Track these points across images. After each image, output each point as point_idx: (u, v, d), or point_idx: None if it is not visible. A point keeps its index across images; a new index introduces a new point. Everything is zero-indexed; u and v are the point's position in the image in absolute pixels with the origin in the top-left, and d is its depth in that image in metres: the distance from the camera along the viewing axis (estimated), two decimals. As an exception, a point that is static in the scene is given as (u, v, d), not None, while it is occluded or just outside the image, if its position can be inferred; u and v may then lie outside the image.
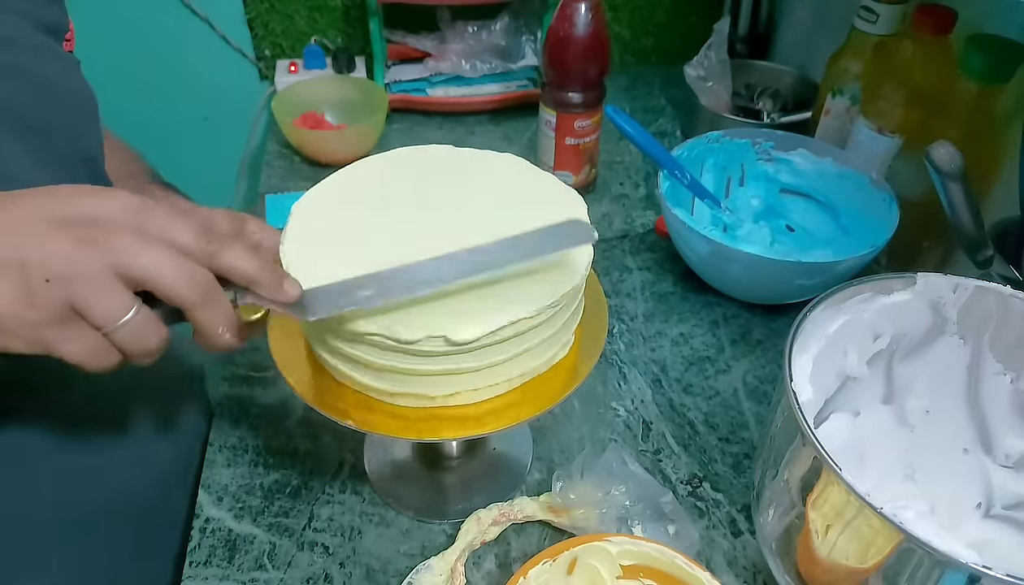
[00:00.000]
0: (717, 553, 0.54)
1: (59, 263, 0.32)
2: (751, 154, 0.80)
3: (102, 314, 0.33)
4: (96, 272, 0.32)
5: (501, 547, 0.54)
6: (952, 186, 0.51)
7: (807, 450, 0.41)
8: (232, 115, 1.14)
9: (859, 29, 0.76)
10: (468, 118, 1.04)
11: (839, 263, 0.64)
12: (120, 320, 0.33)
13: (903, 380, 0.53)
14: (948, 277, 0.49)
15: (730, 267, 0.69)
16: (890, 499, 0.52)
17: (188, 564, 0.53)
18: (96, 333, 0.33)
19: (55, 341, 0.33)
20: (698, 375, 0.68)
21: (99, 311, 0.33)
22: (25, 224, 0.32)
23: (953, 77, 0.64)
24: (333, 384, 0.46)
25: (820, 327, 0.48)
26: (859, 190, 0.73)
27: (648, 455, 0.61)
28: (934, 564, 0.36)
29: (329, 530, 0.55)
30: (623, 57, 1.18)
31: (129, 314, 0.33)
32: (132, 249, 0.33)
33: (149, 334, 0.35)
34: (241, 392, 0.65)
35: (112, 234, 0.33)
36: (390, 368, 0.43)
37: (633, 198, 0.90)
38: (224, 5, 1.06)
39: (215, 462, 0.59)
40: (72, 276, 0.32)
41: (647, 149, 0.72)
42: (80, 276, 0.32)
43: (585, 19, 0.77)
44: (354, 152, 0.91)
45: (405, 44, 1.06)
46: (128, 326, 0.33)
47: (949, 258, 0.69)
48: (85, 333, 0.33)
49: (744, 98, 1.00)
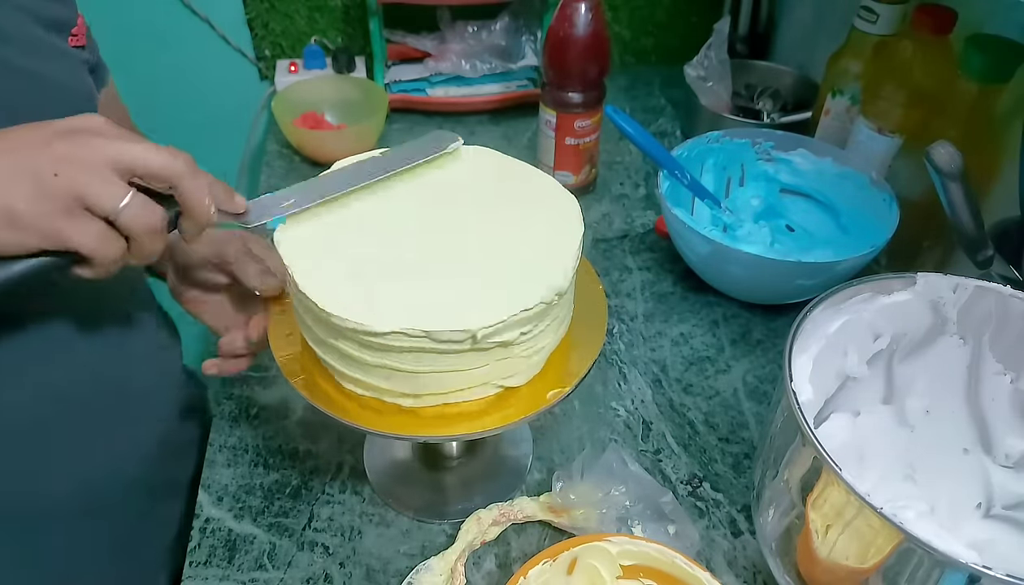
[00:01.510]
0: (717, 553, 0.54)
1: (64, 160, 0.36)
2: (751, 154, 0.80)
3: (107, 199, 0.37)
4: (95, 164, 0.37)
5: (501, 547, 0.54)
6: (952, 186, 0.51)
7: (807, 450, 0.41)
8: (232, 115, 1.14)
9: (859, 29, 0.76)
10: (468, 118, 1.04)
11: (839, 263, 0.64)
12: (122, 202, 0.37)
13: (903, 380, 0.53)
14: (948, 277, 0.49)
15: (730, 267, 0.69)
16: (890, 499, 0.52)
17: (188, 564, 0.53)
18: (102, 222, 0.38)
19: (67, 231, 0.37)
20: (698, 375, 0.68)
21: (104, 196, 0.37)
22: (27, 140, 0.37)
23: (953, 77, 0.64)
24: (333, 384, 0.46)
25: (820, 327, 0.48)
26: (859, 190, 0.73)
27: (648, 455, 0.61)
28: (934, 564, 0.36)
29: (329, 530, 0.55)
30: (623, 57, 1.18)
31: (128, 197, 0.38)
32: (118, 146, 0.38)
33: (150, 213, 0.39)
34: (241, 392, 0.65)
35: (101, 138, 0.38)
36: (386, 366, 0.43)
37: (633, 198, 0.90)
38: (224, 5, 1.06)
39: (215, 462, 0.59)
40: (76, 170, 0.36)
41: (647, 149, 0.72)
42: (82, 169, 0.36)
43: (585, 19, 0.77)
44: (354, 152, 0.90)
45: (405, 44, 1.06)
46: (131, 207, 0.38)
47: (949, 258, 0.69)
48: (93, 223, 0.37)
49: (744, 98, 1.00)
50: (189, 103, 1.14)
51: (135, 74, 1.07)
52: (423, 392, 0.44)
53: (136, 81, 1.07)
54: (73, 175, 0.36)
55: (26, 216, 0.36)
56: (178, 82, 1.12)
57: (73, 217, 0.37)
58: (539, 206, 0.49)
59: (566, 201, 0.50)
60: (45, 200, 0.36)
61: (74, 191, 0.36)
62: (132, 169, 0.38)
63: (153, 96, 1.10)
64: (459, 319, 0.41)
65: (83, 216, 0.37)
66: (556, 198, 0.50)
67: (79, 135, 0.38)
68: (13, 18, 0.46)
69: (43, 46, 0.48)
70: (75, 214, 0.37)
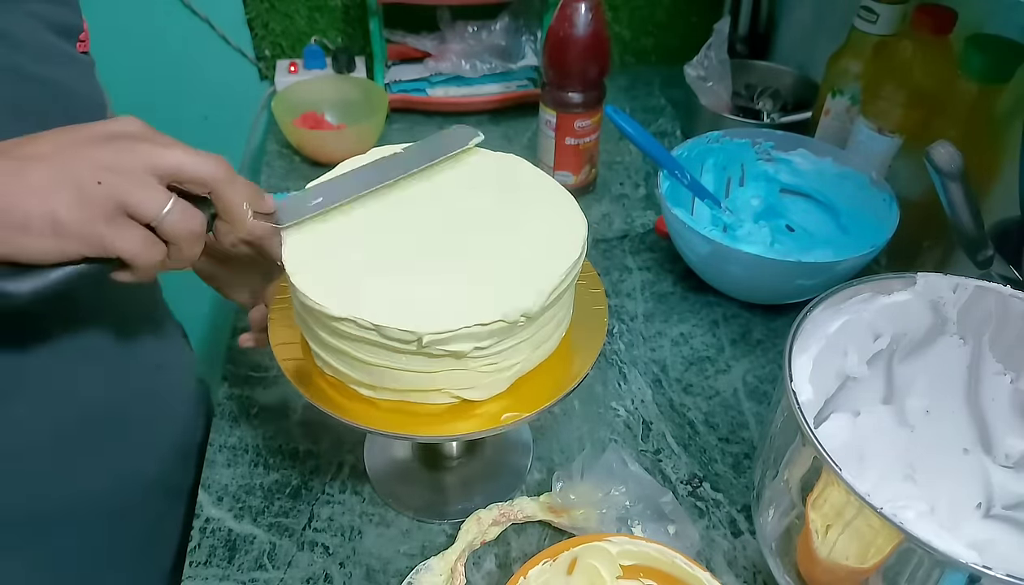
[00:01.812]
0: (717, 553, 0.54)
1: (105, 167, 0.36)
2: (751, 154, 0.80)
3: (149, 205, 0.37)
4: (137, 171, 0.37)
5: (501, 547, 0.54)
6: (952, 186, 0.51)
7: (807, 450, 0.41)
8: (232, 115, 1.14)
9: (859, 29, 0.76)
10: (468, 118, 1.03)
11: (839, 263, 0.64)
12: (165, 208, 0.38)
13: (903, 380, 0.53)
14: (948, 277, 0.49)
15: (730, 267, 0.69)
16: (890, 499, 0.52)
17: (188, 564, 0.53)
18: (144, 228, 0.38)
19: (110, 238, 0.37)
20: (698, 375, 0.68)
21: (147, 203, 0.37)
22: (66, 145, 0.37)
23: (953, 77, 0.64)
24: (334, 384, 0.46)
25: (820, 327, 0.48)
26: (859, 190, 0.73)
27: (648, 455, 0.61)
28: (934, 564, 0.36)
29: (329, 530, 0.55)
30: (623, 57, 1.18)
31: (170, 202, 0.38)
32: (159, 152, 0.38)
33: (191, 218, 0.39)
34: (241, 392, 0.65)
35: (139, 142, 0.38)
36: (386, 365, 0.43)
37: (633, 198, 0.90)
38: (224, 5, 1.06)
39: (215, 462, 0.59)
40: (118, 176, 0.36)
41: (647, 149, 0.72)
42: (124, 175, 0.37)
43: (585, 19, 0.77)
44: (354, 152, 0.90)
45: (405, 44, 1.06)
46: (173, 212, 0.38)
47: (949, 258, 0.69)
48: (135, 229, 0.38)
49: (744, 98, 1.00)
50: (189, 103, 1.14)
51: (135, 74, 1.08)
52: (379, 385, 0.45)
53: (136, 81, 1.07)
54: (116, 182, 0.36)
55: (70, 224, 0.36)
56: (178, 82, 1.12)
57: (116, 224, 0.37)
58: (543, 218, 0.49)
59: (576, 221, 0.48)
60: (88, 207, 0.36)
61: (117, 198, 0.36)
62: (173, 175, 0.38)
63: (153, 96, 1.10)
64: (409, 320, 0.41)
65: (126, 223, 0.37)
66: (566, 217, 0.49)
67: (119, 140, 0.38)
68: (25, 24, 0.46)
69: (54, 52, 0.48)
70: (118, 221, 0.37)
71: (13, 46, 0.44)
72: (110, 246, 0.37)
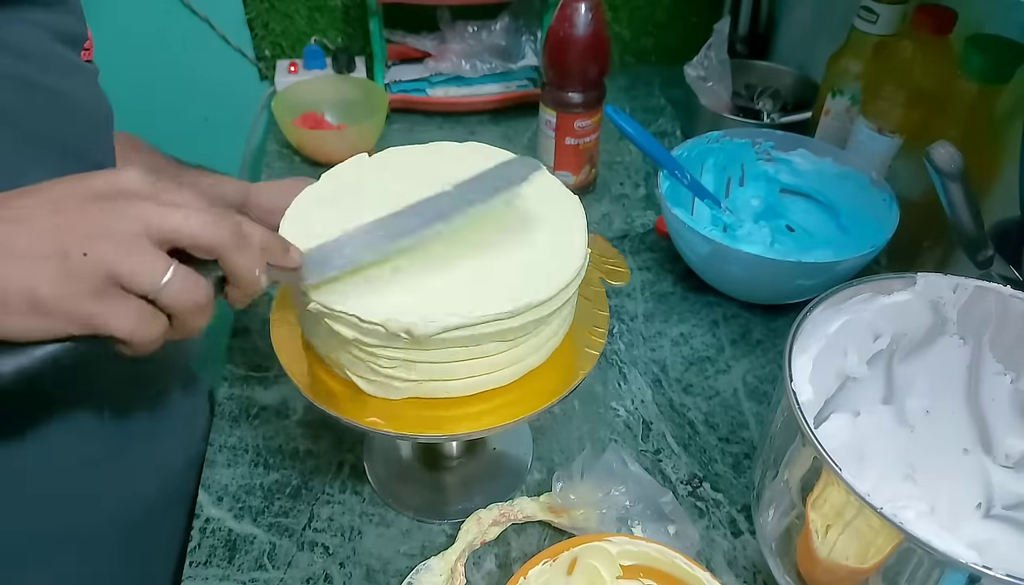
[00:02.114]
0: (717, 553, 0.54)
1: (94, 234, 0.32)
2: (751, 154, 0.80)
3: (145, 275, 0.33)
4: (130, 237, 0.33)
5: (501, 547, 0.54)
6: (952, 186, 0.51)
7: (807, 450, 0.41)
8: (232, 115, 1.14)
9: (859, 29, 0.76)
10: (468, 118, 1.04)
11: (839, 263, 0.64)
12: (163, 279, 0.33)
13: (903, 380, 0.53)
14: (948, 277, 0.49)
15: (730, 267, 0.69)
16: (890, 499, 0.52)
17: (188, 564, 0.53)
18: (140, 301, 0.34)
19: (101, 316, 0.33)
20: (698, 375, 0.68)
21: (141, 273, 0.33)
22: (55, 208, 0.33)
23: (953, 77, 0.64)
24: (334, 383, 0.46)
25: (820, 327, 0.48)
26: (859, 190, 0.73)
27: (648, 455, 0.61)
28: (934, 564, 0.36)
29: (329, 530, 0.55)
30: (623, 57, 1.18)
31: (170, 271, 0.34)
32: (159, 212, 0.34)
33: (193, 287, 0.35)
34: (241, 392, 0.65)
35: (136, 202, 0.34)
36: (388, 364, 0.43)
37: (633, 198, 0.90)
38: (224, 5, 1.06)
39: (215, 462, 0.59)
40: (108, 245, 0.32)
41: (647, 149, 0.72)
42: (116, 243, 0.32)
43: (585, 19, 0.77)
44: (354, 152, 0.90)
45: (405, 44, 1.06)
46: (172, 283, 0.34)
47: (949, 258, 0.69)
48: (129, 302, 0.33)
49: (744, 98, 1.00)
50: (189, 103, 1.14)
51: (135, 74, 1.08)
52: (424, 392, 0.45)
53: (136, 81, 1.08)
54: (105, 250, 0.32)
55: (52, 301, 0.32)
56: (178, 82, 1.12)
57: (106, 298, 0.33)
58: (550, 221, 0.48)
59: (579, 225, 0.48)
60: (73, 281, 0.32)
61: (106, 269, 0.32)
62: (173, 239, 0.34)
63: (153, 96, 1.11)
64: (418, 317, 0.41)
65: (118, 296, 0.33)
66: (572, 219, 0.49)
67: (114, 200, 0.34)
68: (31, 34, 0.44)
69: (61, 62, 0.47)
70: (108, 294, 0.33)
71: (20, 56, 0.44)
72: (100, 324, 0.33)
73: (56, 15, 0.47)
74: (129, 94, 0.79)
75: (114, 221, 0.33)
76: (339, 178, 0.51)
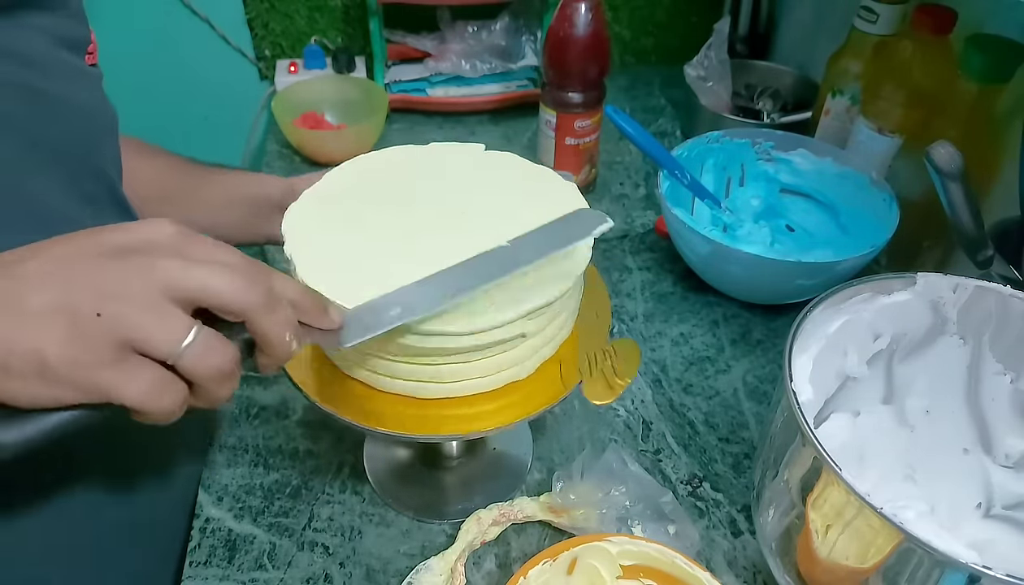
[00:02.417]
0: (717, 553, 0.54)
1: (109, 293, 0.30)
2: (751, 154, 0.80)
3: (163, 339, 0.30)
4: (149, 297, 0.30)
5: (501, 547, 0.54)
6: (952, 186, 0.51)
7: (807, 450, 0.41)
8: (232, 115, 1.14)
9: (859, 29, 0.76)
10: (468, 118, 1.04)
11: (839, 263, 0.64)
12: (184, 342, 0.30)
13: (903, 380, 0.53)
14: (948, 277, 0.49)
15: (730, 267, 0.69)
16: (890, 499, 0.52)
17: (188, 564, 0.53)
18: (157, 366, 0.31)
19: (114, 384, 0.30)
20: (698, 375, 0.68)
21: (159, 336, 0.30)
22: (67, 261, 0.31)
23: (953, 77, 0.64)
24: (335, 383, 0.46)
25: (820, 327, 0.48)
26: (859, 190, 0.73)
27: (648, 455, 0.61)
28: (934, 564, 0.36)
29: (329, 530, 0.55)
30: (623, 57, 1.18)
31: (191, 334, 0.31)
32: (183, 267, 0.31)
33: (217, 352, 0.32)
34: (241, 392, 0.65)
35: (159, 258, 0.31)
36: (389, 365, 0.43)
37: (633, 198, 0.90)
38: (224, 5, 1.06)
39: (215, 462, 0.59)
40: (124, 305, 0.30)
41: (647, 149, 0.72)
42: (132, 304, 0.30)
43: (585, 19, 0.77)
44: (354, 152, 0.89)
45: (405, 44, 1.06)
46: (194, 347, 0.31)
47: (949, 258, 0.69)
48: (145, 368, 0.30)
49: (744, 98, 1.00)
50: (189, 103, 1.14)
51: (135, 74, 1.08)
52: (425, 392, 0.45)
53: (136, 81, 1.08)
54: (120, 312, 0.29)
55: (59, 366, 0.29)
56: (178, 82, 1.12)
57: (120, 364, 0.30)
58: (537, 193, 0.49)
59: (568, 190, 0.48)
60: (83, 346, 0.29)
61: (121, 333, 0.29)
62: (196, 299, 0.31)
63: (153, 96, 1.11)
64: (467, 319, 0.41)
65: (133, 361, 0.30)
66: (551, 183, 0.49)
67: (136, 255, 0.31)
68: (35, 40, 0.43)
69: (64, 68, 0.46)
70: (122, 360, 0.30)
71: (23, 64, 0.43)
72: (113, 393, 0.30)
73: (58, 19, 0.46)
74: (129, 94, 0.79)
75: (132, 278, 0.30)
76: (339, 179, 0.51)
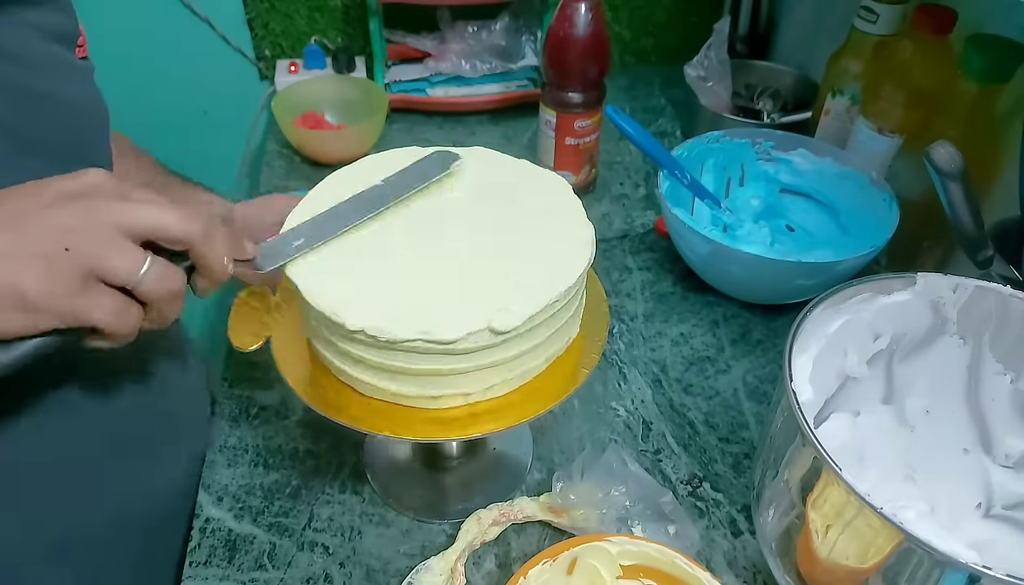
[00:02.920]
0: (717, 553, 0.54)
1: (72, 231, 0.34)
2: (751, 154, 0.80)
3: (124, 268, 0.35)
4: (107, 233, 0.35)
5: (501, 547, 0.54)
6: (952, 186, 0.51)
7: (807, 450, 0.41)
8: (232, 115, 1.14)
9: (859, 29, 0.76)
10: (468, 118, 1.04)
11: (839, 263, 0.64)
12: (141, 270, 0.36)
13: (903, 380, 0.53)
14: (948, 277, 0.49)
15: (730, 267, 0.69)
16: (890, 499, 0.52)
17: (188, 564, 0.53)
18: (117, 292, 0.36)
19: (83, 308, 0.35)
20: (698, 375, 0.68)
21: (120, 266, 0.35)
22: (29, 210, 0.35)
23: (953, 77, 0.64)
24: (333, 384, 0.47)
25: (820, 327, 0.48)
26: (859, 190, 0.73)
27: (648, 455, 0.61)
28: (934, 564, 0.36)
29: (329, 530, 0.55)
30: (623, 57, 1.18)
31: (147, 263, 0.36)
32: (131, 208, 0.36)
33: (169, 277, 0.37)
34: (241, 392, 0.65)
35: (108, 201, 0.36)
36: (390, 367, 0.43)
37: (633, 198, 0.90)
38: (224, 5, 1.06)
39: (215, 462, 0.59)
40: (87, 240, 0.34)
41: (647, 149, 0.72)
42: (94, 240, 0.34)
43: (585, 19, 0.77)
44: (354, 152, 0.91)
45: (405, 44, 1.06)
46: (149, 274, 0.36)
47: (949, 258, 0.69)
48: (108, 295, 0.35)
49: (744, 98, 1.00)
50: (189, 103, 1.14)
51: (135, 74, 1.08)
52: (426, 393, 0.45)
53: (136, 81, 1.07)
54: (85, 247, 0.34)
55: (38, 298, 0.33)
56: (178, 82, 1.12)
57: (88, 292, 0.35)
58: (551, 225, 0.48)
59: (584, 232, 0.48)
60: (57, 278, 0.34)
61: (88, 264, 0.34)
62: (148, 233, 0.36)
63: (153, 96, 1.11)
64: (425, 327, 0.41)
65: (98, 289, 0.35)
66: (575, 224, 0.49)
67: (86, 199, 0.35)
68: (21, 35, 0.44)
69: (55, 63, 0.46)
70: (90, 288, 0.35)
71: (12, 61, 0.43)
72: (84, 317, 0.35)
73: (46, 13, 0.46)
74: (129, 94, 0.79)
75: (88, 218, 0.35)
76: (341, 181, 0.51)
